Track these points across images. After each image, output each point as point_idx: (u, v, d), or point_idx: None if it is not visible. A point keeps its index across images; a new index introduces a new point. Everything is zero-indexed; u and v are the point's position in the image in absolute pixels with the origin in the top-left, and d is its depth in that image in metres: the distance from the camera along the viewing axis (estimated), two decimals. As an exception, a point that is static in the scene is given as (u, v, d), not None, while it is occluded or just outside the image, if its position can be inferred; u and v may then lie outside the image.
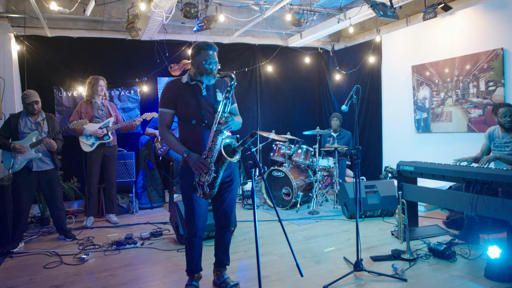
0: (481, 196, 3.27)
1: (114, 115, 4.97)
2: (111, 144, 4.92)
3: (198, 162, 2.49)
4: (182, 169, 2.70)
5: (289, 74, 7.43)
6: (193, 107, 2.61)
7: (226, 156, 2.44)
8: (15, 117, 4.13)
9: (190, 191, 2.62)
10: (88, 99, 4.86)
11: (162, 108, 2.66)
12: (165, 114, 2.65)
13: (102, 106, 4.92)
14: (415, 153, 5.85)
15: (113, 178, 5.05)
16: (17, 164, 4.00)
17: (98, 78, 4.87)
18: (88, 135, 4.73)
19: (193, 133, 2.64)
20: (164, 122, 2.66)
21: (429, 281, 2.93)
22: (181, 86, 2.65)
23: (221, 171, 2.54)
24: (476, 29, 5.03)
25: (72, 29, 5.77)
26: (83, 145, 4.77)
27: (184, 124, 2.66)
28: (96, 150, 4.80)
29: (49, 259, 3.71)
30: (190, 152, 2.56)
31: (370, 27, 6.93)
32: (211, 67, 2.57)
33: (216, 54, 2.63)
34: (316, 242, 3.99)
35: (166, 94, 2.66)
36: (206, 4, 5.15)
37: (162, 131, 2.67)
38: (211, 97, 2.68)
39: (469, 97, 5.16)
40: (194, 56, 2.60)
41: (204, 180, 2.51)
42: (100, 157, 4.87)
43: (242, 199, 5.82)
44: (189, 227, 2.73)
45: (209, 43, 2.61)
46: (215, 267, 2.97)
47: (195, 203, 2.65)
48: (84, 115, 4.77)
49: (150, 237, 4.26)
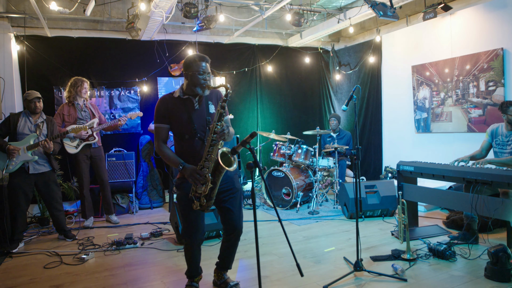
0: (481, 196, 3.27)
1: (97, 116, 4.88)
2: (96, 145, 4.83)
3: (194, 173, 2.47)
4: (178, 180, 2.68)
5: (289, 74, 7.43)
6: (186, 122, 2.61)
7: (223, 166, 2.42)
8: (16, 116, 4.13)
9: (187, 202, 2.61)
10: (70, 101, 4.76)
11: (157, 123, 2.66)
12: (160, 129, 2.65)
13: (85, 107, 4.83)
14: (415, 153, 5.86)
15: (105, 178, 4.98)
16: (11, 165, 3.97)
17: (83, 81, 4.78)
18: (72, 137, 4.63)
19: (187, 147, 2.64)
20: (160, 137, 2.66)
21: (429, 281, 2.93)
22: (173, 102, 2.64)
23: (218, 182, 2.53)
24: (476, 29, 5.03)
25: (72, 29, 5.78)
26: (68, 147, 4.65)
27: (178, 139, 2.67)
28: (81, 151, 4.70)
29: (49, 259, 3.71)
30: (185, 164, 2.55)
31: (370, 27, 6.93)
32: (205, 77, 2.57)
33: (209, 66, 2.62)
34: (316, 242, 3.99)
35: (160, 110, 2.65)
36: (206, 4, 5.15)
37: (158, 145, 2.67)
38: (203, 111, 2.67)
39: (469, 97, 5.16)
40: (187, 69, 2.59)
41: (201, 191, 2.49)
42: (87, 158, 4.78)
43: (242, 199, 5.81)
44: (187, 236, 2.71)
45: (202, 55, 2.60)
46: (217, 269, 2.96)
47: (192, 214, 2.64)
48: (67, 117, 4.68)
49: (150, 237, 4.27)
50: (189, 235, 2.70)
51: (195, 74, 2.55)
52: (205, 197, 2.50)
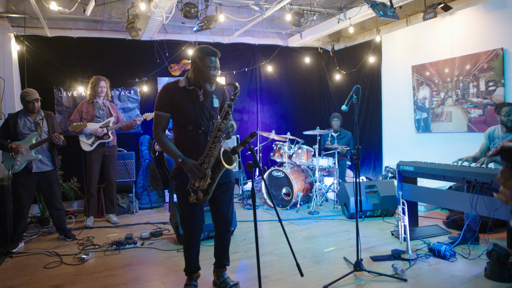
0: (481, 196, 3.27)
1: (114, 115, 4.98)
2: (111, 144, 4.92)
3: (194, 168, 2.46)
4: (176, 171, 2.67)
5: (289, 74, 7.43)
6: (190, 113, 2.59)
7: (224, 164, 2.42)
8: (14, 117, 4.11)
9: (184, 194, 2.59)
10: (90, 99, 4.89)
11: (158, 111, 2.61)
12: (161, 117, 2.61)
13: (103, 106, 4.95)
14: (415, 153, 5.85)
15: (113, 178, 5.05)
16: (17, 165, 3.99)
17: (100, 79, 4.89)
18: (88, 134, 4.74)
19: (188, 139, 2.62)
20: (160, 125, 2.61)
21: (429, 281, 2.93)
22: (178, 91, 2.60)
23: (217, 178, 2.53)
24: (476, 29, 5.03)
25: (72, 29, 5.77)
26: (83, 145, 4.77)
27: (180, 129, 2.64)
28: (96, 149, 4.80)
29: (49, 259, 3.71)
30: (185, 157, 2.51)
31: (370, 27, 6.93)
32: (215, 73, 2.55)
33: (218, 61, 2.60)
34: (316, 242, 3.99)
35: (163, 97, 2.60)
36: (206, 4, 5.14)
37: (157, 134, 2.62)
38: (208, 103, 2.66)
39: (469, 97, 5.16)
40: (198, 61, 2.54)
41: (199, 185, 2.48)
42: (100, 156, 4.87)
43: (242, 199, 5.82)
44: (186, 229, 2.72)
45: (214, 50, 2.57)
46: (215, 268, 2.97)
47: (191, 206, 2.63)
48: (85, 114, 4.79)
49: (150, 237, 4.27)
50: (189, 224, 2.69)
51: (206, 69, 2.52)
52: (202, 191, 2.50)
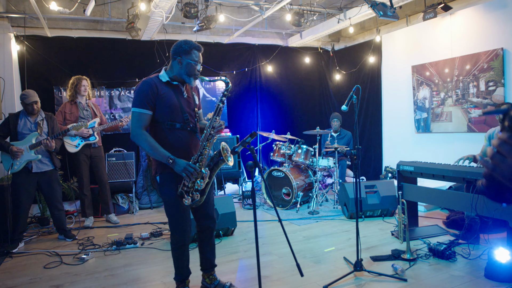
0: (481, 196, 3.27)
1: (98, 116, 4.88)
2: (96, 145, 4.83)
3: (189, 168, 2.32)
4: (162, 178, 2.49)
5: (289, 74, 7.43)
6: (177, 109, 2.45)
7: (225, 160, 2.42)
8: (14, 116, 4.12)
9: (176, 200, 2.44)
10: (71, 99, 4.78)
11: (139, 108, 2.38)
12: (142, 115, 2.38)
13: (87, 106, 4.84)
14: (415, 153, 5.85)
15: (105, 179, 4.98)
16: (16, 165, 3.99)
17: (81, 78, 4.80)
18: (73, 136, 4.62)
19: (177, 138, 2.46)
20: (142, 123, 2.39)
21: (429, 281, 2.93)
22: (162, 87, 2.43)
23: (214, 176, 2.47)
24: (476, 29, 5.03)
25: (72, 29, 5.78)
26: (68, 146, 4.64)
27: (166, 128, 2.45)
28: (81, 151, 4.69)
29: (49, 259, 3.71)
30: (175, 158, 2.35)
31: (370, 27, 6.93)
32: (199, 68, 2.49)
33: (201, 55, 2.54)
34: (316, 242, 3.99)
35: (145, 94, 2.38)
36: (206, 4, 5.15)
37: (140, 133, 2.38)
38: (191, 100, 2.57)
39: (469, 97, 5.16)
40: (183, 55, 2.42)
41: (196, 186, 2.39)
42: (87, 158, 4.78)
43: (242, 199, 5.82)
44: (177, 236, 2.56)
45: (198, 44, 2.49)
46: (205, 272, 2.80)
47: (182, 211, 2.52)
48: (68, 116, 4.69)
49: (150, 237, 4.26)
50: (181, 234, 2.55)
51: (191, 63, 2.44)
52: (199, 192, 2.42)
